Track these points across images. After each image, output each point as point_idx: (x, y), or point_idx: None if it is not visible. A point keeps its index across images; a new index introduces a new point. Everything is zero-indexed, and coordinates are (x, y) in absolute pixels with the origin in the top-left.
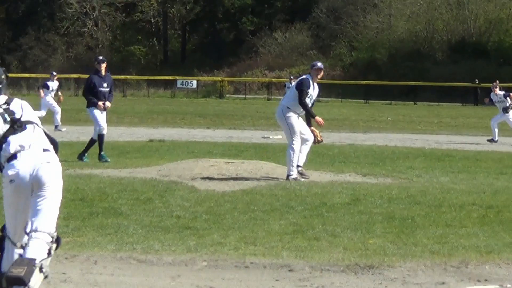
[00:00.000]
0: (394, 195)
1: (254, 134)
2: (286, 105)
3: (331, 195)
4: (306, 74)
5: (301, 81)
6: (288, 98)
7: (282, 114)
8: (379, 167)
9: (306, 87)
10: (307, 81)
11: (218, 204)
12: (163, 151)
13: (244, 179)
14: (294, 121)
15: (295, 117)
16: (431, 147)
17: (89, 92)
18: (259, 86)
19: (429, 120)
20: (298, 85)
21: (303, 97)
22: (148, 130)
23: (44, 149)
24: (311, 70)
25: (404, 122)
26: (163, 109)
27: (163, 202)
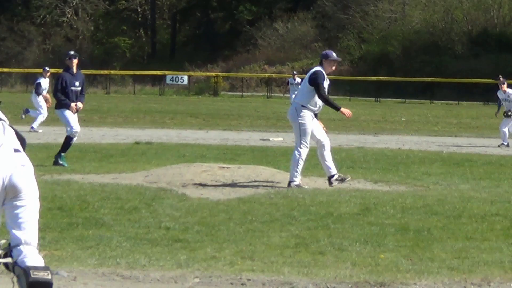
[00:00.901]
0: (408, 205)
1: (252, 135)
2: (300, 103)
3: (338, 204)
4: (317, 66)
5: (315, 74)
6: (301, 95)
7: (296, 114)
8: (392, 173)
9: (322, 79)
10: (321, 73)
11: (211, 214)
12: (150, 155)
13: (241, 186)
14: (308, 124)
15: (309, 118)
16: (449, 151)
17: (61, 92)
18: (257, 83)
19: (448, 120)
20: (312, 79)
21: (322, 90)
22: (134, 131)
23: (15, 149)
24: (324, 61)
25: (419, 123)
26: (150, 108)
27: (150, 211)
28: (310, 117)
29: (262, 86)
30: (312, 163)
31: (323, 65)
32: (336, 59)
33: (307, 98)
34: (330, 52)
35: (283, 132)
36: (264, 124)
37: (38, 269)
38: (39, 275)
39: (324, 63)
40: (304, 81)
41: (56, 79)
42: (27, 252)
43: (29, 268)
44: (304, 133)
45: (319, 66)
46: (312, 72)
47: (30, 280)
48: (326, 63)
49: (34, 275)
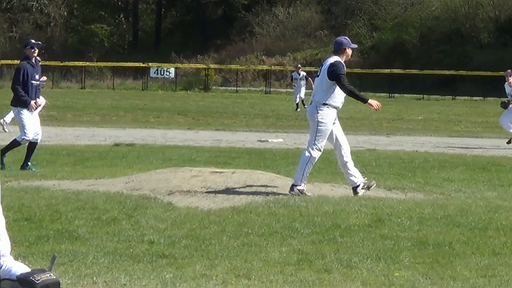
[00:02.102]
0: (427, 215)
1: (248, 136)
2: (321, 101)
3: (346, 215)
4: (332, 56)
5: (334, 66)
6: (321, 92)
7: (316, 113)
8: (408, 179)
9: (343, 69)
10: (341, 64)
11: (202, 226)
12: (132, 158)
13: (236, 193)
14: (328, 124)
15: (331, 118)
16: (473, 154)
17: (20, 86)
18: (254, 76)
19: (471, 119)
20: (332, 72)
21: (345, 81)
22: (113, 131)
23: None
24: (340, 50)
25: (439, 122)
26: (132, 105)
27: (131, 223)
28: (332, 117)
29: (259, 80)
30: (316, 167)
31: (340, 55)
32: (354, 47)
33: (327, 94)
34: (347, 39)
35: (283, 132)
36: (262, 124)
37: (36, 273)
38: (43, 278)
39: (340, 52)
40: (322, 75)
41: (16, 71)
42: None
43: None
44: (321, 134)
45: (335, 56)
46: (331, 64)
47: (39, 285)
48: (342, 52)
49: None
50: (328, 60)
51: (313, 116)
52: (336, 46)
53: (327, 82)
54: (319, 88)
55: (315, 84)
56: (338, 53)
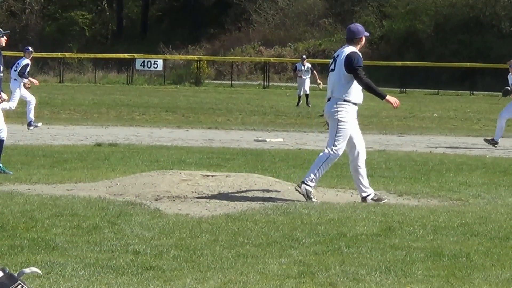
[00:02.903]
0: (442, 223)
1: (244, 135)
2: (341, 98)
3: (353, 223)
4: (347, 46)
5: (351, 57)
6: (340, 87)
7: (335, 111)
8: (421, 183)
9: (361, 61)
10: (358, 55)
11: (192, 235)
12: (115, 160)
13: (230, 199)
14: (349, 123)
15: (352, 116)
16: (494, 155)
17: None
18: (251, 69)
19: (491, 116)
20: (349, 64)
21: (362, 74)
22: (95, 130)
23: None
24: (354, 40)
25: (456, 120)
26: (115, 101)
27: (115, 231)
28: (353, 115)
29: (257, 73)
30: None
31: (355, 44)
32: (367, 35)
33: (347, 89)
34: (362, 27)
35: (283, 131)
36: (259, 121)
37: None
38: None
39: (355, 41)
40: (338, 69)
41: None
42: None
43: None
44: (342, 134)
45: (350, 46)
46: (347, 56)
47: None
48: (358, 41)
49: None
50: (343, 51)
51: (333, 115)
52: (350, 34)
53: (345, 76)
54: (337, 83)
55: (331, 79)
56: (353, 42)
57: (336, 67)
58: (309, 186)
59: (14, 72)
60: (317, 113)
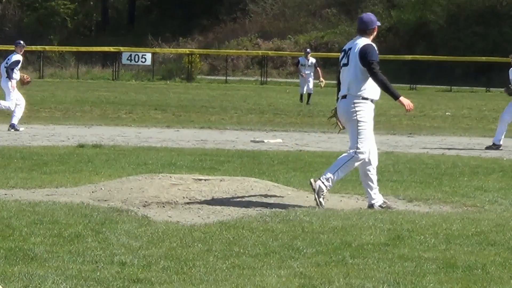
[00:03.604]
0: (456, 232)
1: (240, 136)
2: (359, 95)
3: (358, 231)
4: (360, 38)
5: (367, 49)
6: (356, 83)
7: (354, 111)
8: (432, 187)
9: (377, 55)
10: (373, 47)
11: (183, 245)
12: (99, 162)
13: (224, 205)
14: (370, 121)
15: (371, 113)
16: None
17: None
18: (248, 63)
19: None
20: (365, 56)
21: (377, 69)
22: (77, 130)
23: None
24: (367, 29)
25: (471, 119)
26: (100, 98)
27: (99, 240)
28: (372, 113)
29: (254, 68)
30: (321, 173)
31: (368, 36)
32: (379, 24)
33: (364, 85)
34: (373, 17)
35: (282, 131)
36: (256, 121)
37: None
38: None
39: (368, 32)
40: (353, 63)
41: None
42: None
43: None
44: (364, 135)
45: (363, 38)
46: (362, 48)
47: None
48: (371, 32)
49: None
50: (356, 43)
51: (351, 115)
52: (362, 25)
53: (362, 71)
54: (353, 78)
55: (344, 75)
56: (366, 33)
57: (351, 62)
58: (323, 185)
59: (3, 69)
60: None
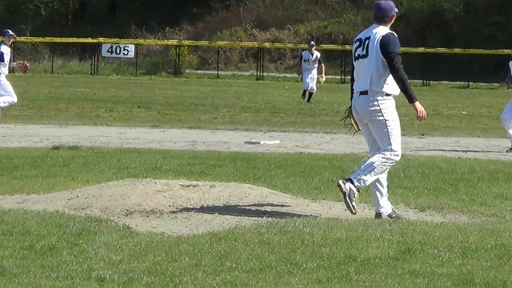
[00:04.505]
0: (473, 244)
1: (233, 137)
2: (382, 91)
3: (365, 244)
4: (376, 26)
5: (389, 39)
6: (378, 77)
7: (379, 109)
8: (447, 195)
9: (399, 46)
10: (395, 37)
11: (169, 258)
12: (76, 166)
13: (215, 214)
14: (397, 119)
15: (395, 110)
16: None
17: None
18: (242, 56)
19: None
20: (386, 48)
21: (399, 63)
22: (52, 130)
23: None
24: (385, 17)
25: (489, 118)
26: (77, 94)
27: (75, 253)
28: (395, 110)
29: (249, 62)
30: (325, 179)
31: (386, 24)
32: (397, 11)
33: (386, 79)
34: (392, 3)
35: (280, 131)
36: (251, 120)
37: None
38: None
39: (387, 20)
40: (374, 54)
41: None
42: None
43: None
44: (394, 134)
45: (382, 26)
46: (383, 38)
47: None
48: (390, 19)
49: None
50: (375, 32)
51: (374, 114)
52: (379, 12)
53: (384, 63)
54: (375, 72)
55: (364, 67)
56: (384, 21)
57: (371, 53)
58: (354, 187)
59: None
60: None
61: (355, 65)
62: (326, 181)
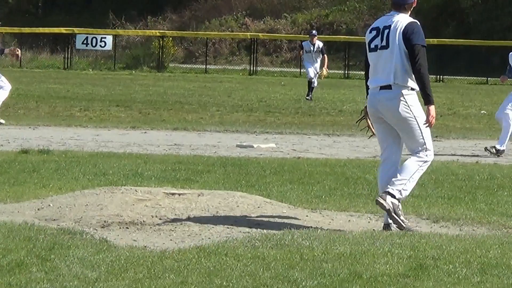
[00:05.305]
0: (493, 260)
1: (223, 139)
2: (408, 85)
3: (371, 259)
4: (396, 14)
5: (411, 30)
6: (403, 71)
7: (405, 103)
8: (464, 204)
9: (424, 37)
10: (419, 27)
11: (152, 276)
12: (47, 172)
13: (203, 226)
14: (424, 114)
15: (420, 106)
16: None
17: None
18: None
19: None
20: (410, 39)
21: (425, 57)
22: (20, 131)
23: None
24: (405, 4)
25: None
26: (48, 91)
27: (46, 270)
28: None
29: (241, 55)
30: (326, 186)
31: (407, 11)
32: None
33: (409, 72)
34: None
35: (276, 133)
36: (243, 120)
37: None
38: None
39: (407, 7)
40: (397, 45)
41: None
42: None
43: None
44: (426, 131)
45: (401, 14)
46: (407, 27)
47: None
48: (410, 6)
49: None
50: (396, 20)
51: (402, 111)
52: (400, 1)
53: (406, 54)
54: (399, 65)
55: (384, 60)
56: (404, 9)
57: (392, 44)
58: (396, 200)
59: None
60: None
61: (371, 57)
62: (328, 190)
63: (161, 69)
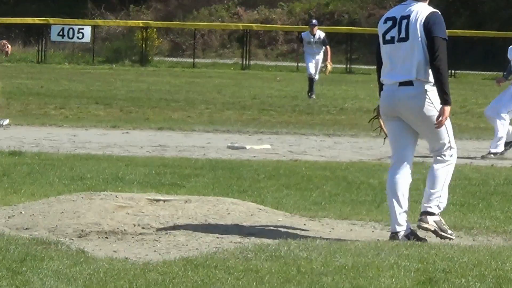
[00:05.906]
0: (509, 273)
1: (212, 140)
2: (429, 80)
3: (375, 272)
4: (414, 3)
5: (434, 21)
6: (425, 65)
7: (429, 99)
8: (477, 211)
9: (445, 29)
10: (441, 19)
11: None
12: (18, 176)
13: (190, 235)
14: None
15: None
16: None
17: None
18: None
19: None
20: (430, 31)
21: (445, 51)
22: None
23: None
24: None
25: None
26: (20, 87)
27: (17, 284)
28: None
29: (232, 47)
30: (326, 192)
31: (424, 1)
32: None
33: (428, 68)
34: None
35: (271, 133)
36: (235, 119)
37: None
38: None
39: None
40: (415, 37)
41: None
42: None
43: None
44: (451, 128)
45: (420, 3)
46: (428, 18)
47: None
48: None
49: None
50: (415, 10)
51: (424, 109)
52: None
53: (425, 48)
54: (422, 59)
55: (403, 53)
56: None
57: (412, 36)
58: (436, 216)
59: None
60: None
61: (386, 49)
62: (328, 196)
63: (145, 63)
